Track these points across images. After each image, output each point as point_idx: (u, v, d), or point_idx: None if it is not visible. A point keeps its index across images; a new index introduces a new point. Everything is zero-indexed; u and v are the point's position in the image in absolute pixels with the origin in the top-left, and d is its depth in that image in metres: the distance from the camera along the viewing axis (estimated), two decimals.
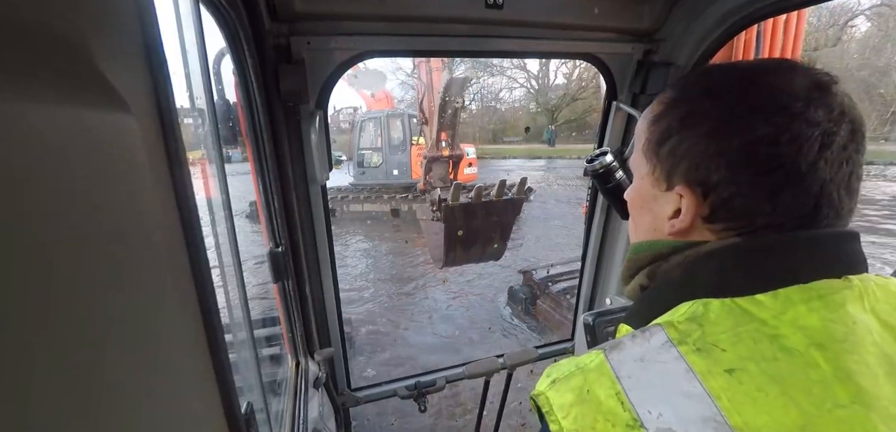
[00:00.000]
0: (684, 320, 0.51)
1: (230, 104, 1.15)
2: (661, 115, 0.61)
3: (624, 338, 0.54)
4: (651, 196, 0.63)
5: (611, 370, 0.51)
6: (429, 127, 8.41)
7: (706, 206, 0.56)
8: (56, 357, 0.26)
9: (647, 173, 0.63)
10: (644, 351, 0.51)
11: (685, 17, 1.36)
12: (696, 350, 0.48)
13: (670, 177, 0.59)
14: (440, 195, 6.18)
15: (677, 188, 0.58)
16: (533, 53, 1.46)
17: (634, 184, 0.68)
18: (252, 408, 0.77)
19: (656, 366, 0.49)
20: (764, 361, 0.45)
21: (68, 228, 0.28)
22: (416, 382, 1.80)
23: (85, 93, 0.31)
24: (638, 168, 0.66)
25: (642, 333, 0.53)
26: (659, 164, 0.60)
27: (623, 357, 0.51)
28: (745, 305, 0.50)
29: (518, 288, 7.78)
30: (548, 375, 0.57)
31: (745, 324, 0.48)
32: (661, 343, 0.50)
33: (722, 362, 0.46)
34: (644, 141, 0.63)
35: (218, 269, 0.99)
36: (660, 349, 0.50)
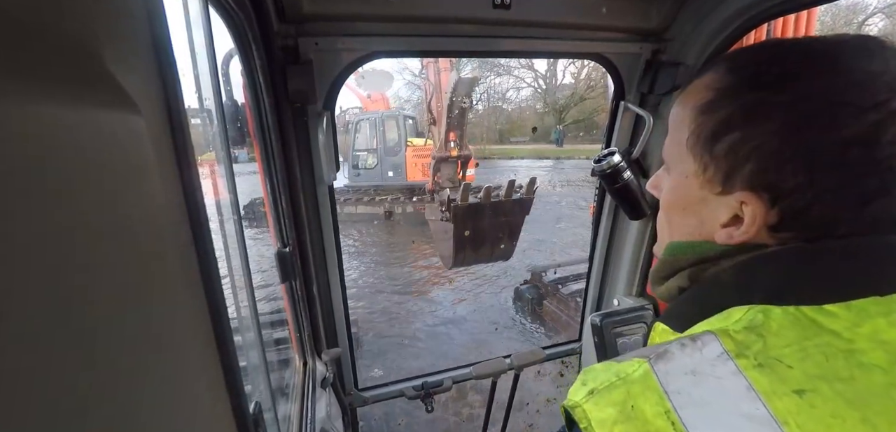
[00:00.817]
0: (741, 329, 0.44)
1: (238, 105, 1.15)
2: (715, 104, 0.51)
3: (670, 346, 0.46)
4: (698, 199, 0.55)
5: (658, 383, 0.44)
6: (437, 127, 8.42)
7: (774, 214, 0.48)
8: (65, 355, 0.26)
9: (692, 172, 0.54)
10: (696, 362, 0.44)
11: (694, 16, 1.35)
12: (758, 365, 0.41)
13: (729, 180, 0.50)
14: (449, 195, 6.19)
15: (739, 194, 0.49)
16: (540, 53, 1.46)
17: (672, 182, 0.59)
18: (260, 408, 0.78)
19: (711, 382, 0.42)
20: (839, 381, 0.39)
21: (78, 228, 0.28)
22: (423, 383, 1.80)
23: (95, 94, 0.32)
24: (677, 163, 0.57)
25: (692, 341, 0.45)
26: (712, 164, 0.51)
27: (671, 368, 0.44)
28: (813, 315, 0.43)
29: (524, 288, 7.77)
30: (583, 383, 0.49)
31: (813, 336, 0.42)
32: (715, 354, 0.43)
33: (789, 381, 0.40)
34: (688, 133, 0.54)
35: (226, 269, 1.00)
36: (714, 362, 0.43)
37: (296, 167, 1.29)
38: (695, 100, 0.54)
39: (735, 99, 0.49)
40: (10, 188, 0.23)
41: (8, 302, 0.22)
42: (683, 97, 0.57)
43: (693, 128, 0.53)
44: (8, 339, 0.22)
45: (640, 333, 1.75)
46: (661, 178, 0.64)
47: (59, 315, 0.26)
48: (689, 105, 0.54)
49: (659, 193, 0.65)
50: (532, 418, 4.86)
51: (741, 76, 0.50)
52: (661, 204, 0.63)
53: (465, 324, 7.45)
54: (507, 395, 2.03)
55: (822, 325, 0.42)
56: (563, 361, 5.24)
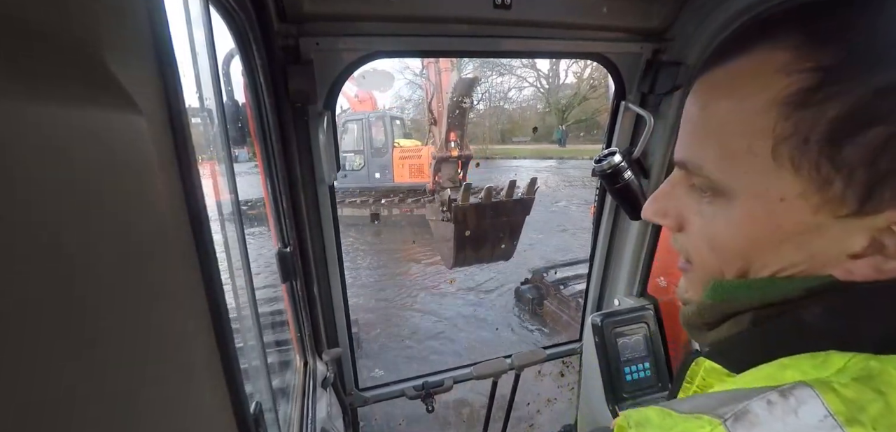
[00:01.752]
0: (850, 381, 0.32)
1: (239, 105, 1.15)
2: (822, 92, 0.34)
3: (752, 405, 0.33)
4: (808, 227, 0.38)
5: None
6: (438, 127, 8.43)
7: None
8: (65, 355, 0.26)
9: (797, 193, 0.37)
10: (791, 431, 0.31)
11: (695, 16, 1.35)
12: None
13: (871, 197, 0.34)
14: (450, 195, 6.20)
15: (891, 212, 0.34)
16: (541, 53, 1.46)
17: (748, 212, 0.40)
18: (261, 408, 0.78)
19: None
20: None
21: (78, 228, 0.28)
22: (424, 382, 1.80)
23: (96, 94, 0.32)
24: (758, 184, 0.39)
25: (782, 399, 0.33)
26: (840, 178, 0.35)
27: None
28: None
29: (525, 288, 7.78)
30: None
31: None
32: (816, 419, 0.31)
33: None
34: (777, 139, 0.37)
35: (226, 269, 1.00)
36: (817, 429, 0.31)
37: (296, 167, 1.29)
38: (770, 88, 0.37)
39: (859, 79, 0.33)
40: (10, 188, 0.23)
41: (8, 302, 0.22)
42: (734, 89, 0.40)
43: (788, 132, 0.36)
44: (8, 339, 0.22)
45: (641, 333, 1.76)
46: (683, 205, 0.47)
47: (59, 315, 0.26)
48: (760, 97, 0.37)
49: (675, 223, 0.49)
50: (533, 418, 4.86)
51: (860, 45, 0.34)
52: (719, 246, 0.44)
53: None
54: (508, 395, 2.03)
55: None
56: (563, 361, 5.24)
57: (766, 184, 0.38)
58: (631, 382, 1.70)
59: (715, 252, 0.44)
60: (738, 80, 0.39)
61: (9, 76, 0.24)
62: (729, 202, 0.41)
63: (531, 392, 5.18)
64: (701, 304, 0.48)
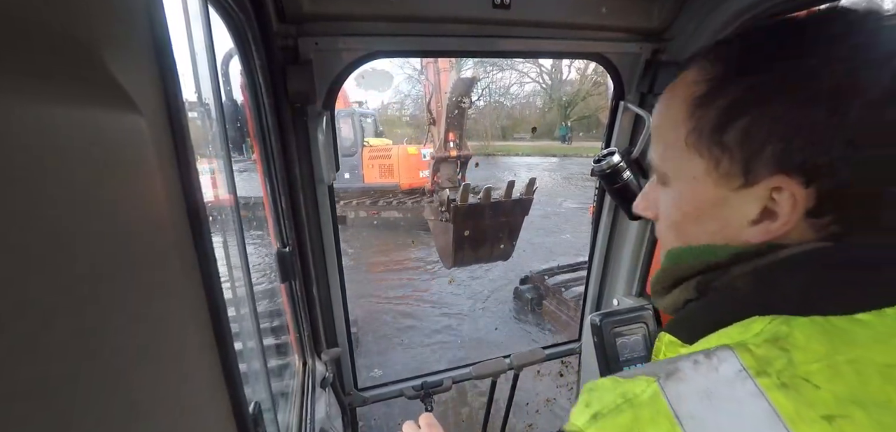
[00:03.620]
0: (763, 343, 0.39)
1: (238, 105, 1.15)
2: (711, 94, 0.47)
3: (681, 362, 0.41)
4: (716, 199, 0.49)
5: (668, 406, 0.39)
6: (437, 127, 8.43)
7: (811, 196, 0.43)
8: (64, 356, 0.26)
9: (702, 172, 0.49)
10: (711, 382, 0.39)
11: (694, 16, 1.35)
12: (782, 385, 0.36)
13: (750, 169, 0.45)
14: (448, 195, 6.21)
15: (767, 181, 0.44)
16: (540, 53, 1.46)
17: (678, 191, 0.53)
18: (260, 408, 0.78)
19: (728, 405, 0.37)
20: (874, 406, 0.34)
21: (77, 228, 0.28)
22: (423, 382, 1.80)
23: (95, 93, 0.32)
24: (680, 168, 0.52)
25: (707, 358, 0.40)
26: (725, 156, 0.46)
27: (683, 390, 0.39)
28: (844, 325, 0.38)
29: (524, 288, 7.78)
30: (587, 405, 0.45)
31: (844, 350, 0.37)
32: (732, 372, 0.38)
33: (817, 405, 0.35)
34: (686, 132, 0.49)
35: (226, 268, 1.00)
36: (732, 381, 0.38)
37: (296, 167, 1.29)
38: (684, 95, 0.50)
39: (737, 78, 0.46)
40: (9, 188, 0.23)
41: (7, 301, 0.22)
42: (668, 100, 0.53)
43: (692, 125, 0.48)
44: (7, 339, 0.22)
45: (640, 333, 1.75)
46: (655, 195, 0.59)
47: (58, 315, 0.26)
48: (679, 103, 0.50)
49: (653, 212, 0.60)
50: (532, 418, 4.87)
51: (734, 61, 0.47)
52: (666, 221, 0.57)
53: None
54: (507, 395, 2.03)
55: (854, 338, 0.37)
56: (562, 361, 5.24)
57: (685, 167, 0.51)
58: None
59: (668, 228, 0.57)
60: (668, 95, 0.54)
61: (7, 75, 0.24)
62: (669, 186, 0.55)
63: (530, 391, 5.18)
64: (661, 269, 0.59)
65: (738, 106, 0.45)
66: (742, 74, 0.45)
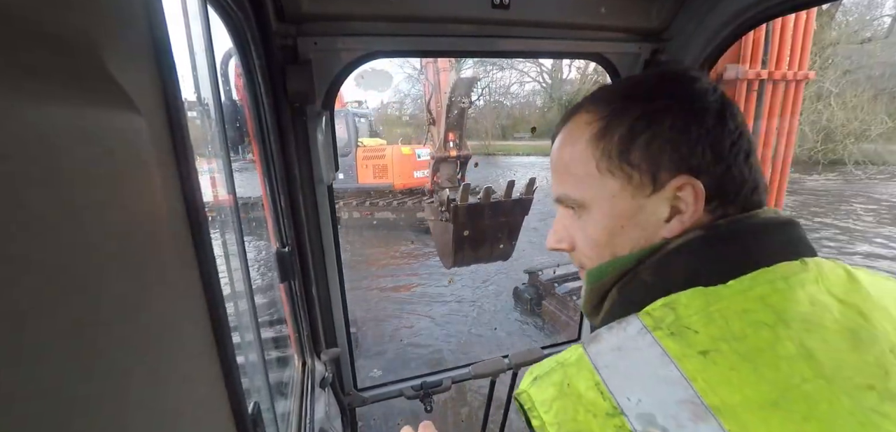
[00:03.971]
0: (659, 307, 0.52)
1: (237, 105, 1.15)
2: (609, 127, 0.59)
3: (601, 330, 0.55)
4: (634, 209, 0.59)
5: (590, 362, 0.51)
6: (436, 127, 8.41)
7: (704, 191, 0.56)
8: (63, 355, 0.26)
9: (617, 190, 0.59)
10: (621, 340, 0.52)
11: (694, 16, 1.35)
12: (671, 334, 0.49)
13: (657, 176, 0.57)
14: (448, 195, 6.20)
15: (672, 182, 0.56)
16: (539, 53, 1.46)
17: (599, 213, 0.62)
18: (259, 408, 0.78)
19: (633, 354, 0.50)
20: (735, 340, 0.46)
21: (77, 228, 0.28)
22: (422, 382, 1.80)
23: (94, 93, 0.32)
24: (596, 193, 0.61)
25: (618, 324, 0.54)
26: (635, 170, 0.58)
27: (601, 348, 0.52)
28: (715, 288, 0.51)
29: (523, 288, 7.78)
30: (530, 374, 0.57)
31: (715, 303, 0.49)
32: (636, 330, 0.51)
33: (695, 344, 0.47)
34: (596, 161, 0.60)
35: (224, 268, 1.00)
36: (636, 336, 0.51)
37: (295, 167, 1.29)
38: (584, 134, 0.61)
39: (626, 113, 0.58)
40: (8, 188, 0.23)
41: (6, 301, 0.22)
42: (569, 141, 0.64)
43: (599, 154, 0.60)
44: (6, 338, 0.22)
45: None
46: (568, 226, 0.68)
47: (57, 315, 0.26)
48: (582, 141, 0.61)
49: (568, 244, 0.68)
50: None
51: (619, 100, 0.60)
52: (589, 245, 0.65)
53: None
54: (506, 395, 2.03)
55: (721, 294, 0.50)
56: None
57: (601, 190, 0.61)
58: None
59: (593, 249, 0.64)
60: (569, 134, 0.64)
61: (7, 75, 0.24)
62: (588, 211, 0.63)
63: None
64: (586, 291, 0.67)
65: (635, 129, 0.57)
66: (626, 110, 0.58)
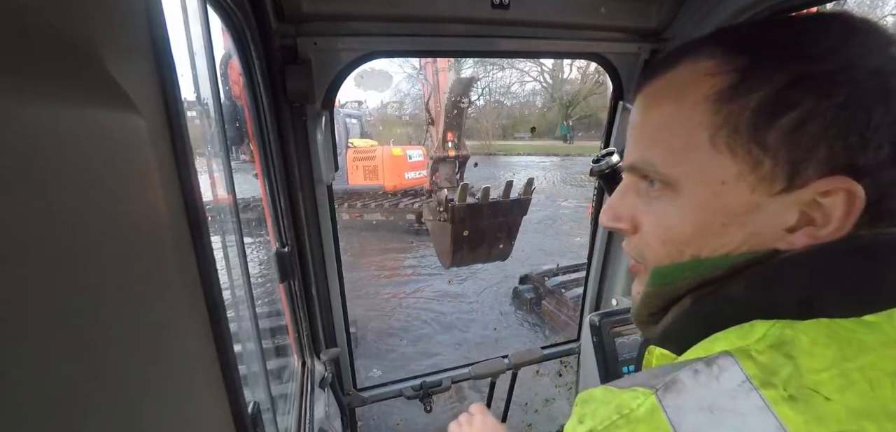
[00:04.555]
0: (766, 349, 0.36)
1: (237, 105, 1.15)
2: (742, 87, 0.41)
3: (680, 374, 0.37)
4: (749, 206, 0.42)
5: (668, 422, 0.35)
6: (435, 127, 8.42)
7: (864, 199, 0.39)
8: (63, 356, 0.26)
9: (733, 176, 0.42)
10: (712, 395, 0.35)
11: (693, 16, 1.35)
12: (789, 398, 0.33)
13: (798, 172, 0.39)
14: (447, 195, 6.21)
15: (818, 183, 0.39)
16: (539, 53, 1.46)
17: (697, 200, 0.45)
18: (258, 408, 0.78)
19: (732, 420, 0.33)
20: (887, 419, 0.31)
21: (76, 228, 0.28)
22: (422, 382, 1.80)
23: (93, 93, 0.32)
24: (701, 173, 0.44)
25: (707, 367, 0.36)
26: (767, 156, 0.40)
27: (683, 403, 0.35)
28: (851, 328, 0.35)
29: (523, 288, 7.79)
30: (580, 420, 0.41)
31: (854, 357, 0.33)
32: (735, 384, 0.35)
33: (828, 419, 0.31)
34: (712, 131, 0.42)
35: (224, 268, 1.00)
36: (735, 393, 0.34)
37: (295, 167, 1.29)
38: (701, 90, 0.43)
39: (775, 72, 0.40)
40: (7, 188, 0.23)
41: (5, 301, 0.22)
42: (675, 96, 0.45)
43: (719, 122, 0.42)
44: (5, 338, 0.22)
45: (639, 333, 1.75)
46: (632, 205, 0.52)
47: (57, 314, 0.26)
48: (694, 99, 0.43)
49: (629, 225, 0.52)
50: (531, 418, 4.86)
51: (766, 50, 0.41)
52: (671, 236, 0.47)
53: None
54: (505, 395, 2.03)
55: (863, 342, 0.34)
56: (561, 361, 5.25)
57: (709, 170, 0.43)
58: None
59: (667, 244, 0.48)
60: (674, 86, 0.46)
61: (6, 75, 0.24)
62: (677, 193, 0.46)
63: (529, 391, 5.18)
64: (645, 294, 0.52)
65: (786, 99, 0.39)
66: (785, 62, 0.39)
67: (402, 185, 13.16)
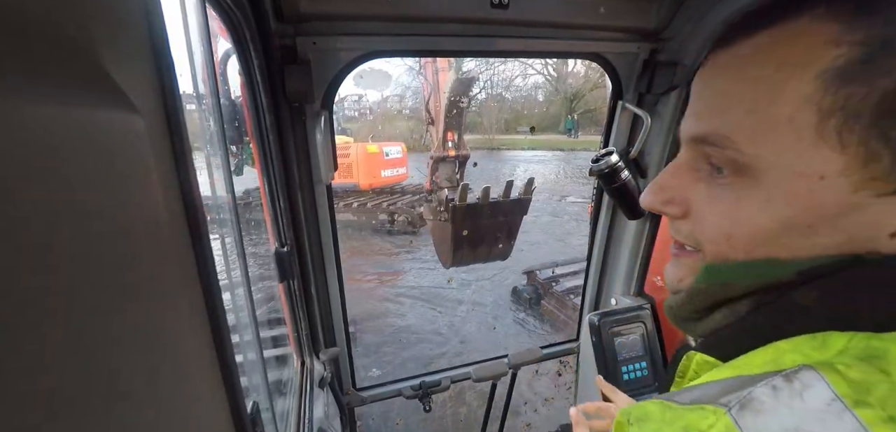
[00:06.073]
0: (854, 362, 0.31)
1: (236, 104, 1.15)
2: (869, 65, 0.32)
3: (757, 391, 0.32)
4: (847, 207, 0.36)
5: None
6: (435, 127, 8.41)
7: None
8: (62, 356, 0.26)
9: (836, 171, 0.35)
10: (797, 416, 0.30)
11: (692, 15, 1.35)
12: (889, 419, 0.28)
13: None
14: (447, 195, 6.21)
15: None
16: (538, 53, 1.46)
17: (782, 195, 0.38)
18: (258, 408, 0.78)
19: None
20: None
21: (75, 228, 0.28)
22: (422, 382, 1.81)
23: (92, 93, 0.32)
24: (792, 167, 0.37)
25: (787, 383, 0.31)
26: (887, 151, 0.33)
27: (762, 425, 0.30)
28: None
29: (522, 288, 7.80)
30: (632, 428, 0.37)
31: None
32: (824, 403, 0.29)
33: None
34: (819, 117, 0.35)
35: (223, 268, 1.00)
36: (824, 414, 0.29)
37: (294, 166, 1.29)
38: (808, 60, 0.35)
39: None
40: (5, 187, 0.23)
41: (3, 300, 0.22)
42: (768, 59, 0.37)
43: (836, 105, 0.34)
44: (4, 338, 0.22)
45: (638, 333, 1.76)
46: (698, 191, 0.44)
47: (55, 314, 0.26)
48: (797, 69, 0.35)
49: (680, 209, 0.46)
50: (530, 417, 4.86)
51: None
52: (742, 232, 0.41)
53: None
54: (505, 395, 2.03)
55: None
56: (560, 361, 5.25)
57: (806, 160, 0.36)
58: (628, 381, 1.71)
59: (733, 239, 0.41)
60: (779, 50, 0.37)
61: (4, 74, 0.24)
62: (756, 181, 0.39)
63: (529, 390, 5.19)
64: (692, 290, 0.46)
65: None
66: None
67: (378, 183, 12.89)
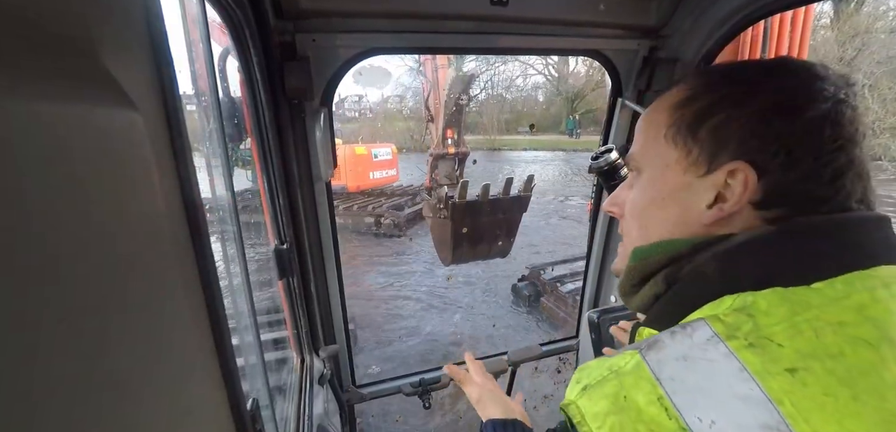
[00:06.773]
0: (731, 311, 0.45)
1: (235, 102, 1.15)
2: (693, 98, 0.55)
3: (661, 336, 0.47)
4: (681, 185, 0.55)
5: (649, 371, 0.44)
6: (434, 124, 8.39)
7: (759, 190, 0.49)
8: (62, 353, 0.26)
9: (673, 161, 0.56)
10: (686, 348, 0.44)
11: (692, 12, 1.35)
12: (749, 345, 0.41)
13: (715, 157, 0.52)
14: (447, 193, 6.21)
15: (726, 167, 0.50)
16: (538, 50, 1.46)
17: (648, 178, 0.60)
18: (257, 404, 0.78)
19: (703, 365, 0.42)
20: (829, 359, 0.39)
21: (75, 225, 0.28)
22: (421, 379, 1.81)
23: (92, 91, 0.32)
24: (653, 159, 0.59)
25: (682, 329, 0.46)
26: (696, 146, 0.53)
27: (662, 356, 0.45)
28: (800, 293, 0.43)
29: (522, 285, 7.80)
30: (578, 381, 0.51)
31: (802, 312, 0.42)
32: (705, 338, 0.44)
33: (780, 360, 0.40)
34: (666, 127, 0.56)
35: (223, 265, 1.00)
36: (705, 345, 0.43)
37: (293, 164, 1.29)
38: (669, 101, 0.58)
39: (715, 90, 0.54)
40: (6, 186, 0.23)
41: (3, 300, 0.22)
42: (656, 105, 0.61)
43: (671, 122, 0.56)
44: (4, 337, 0.22)
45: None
46: (623, 195, 0.66)
47: (55, 312, 0.26)
48: (663, 107, 0.58)
49: (619, 209, 0.66)
50: (530, 415, 4.86)
51: (715, 78, 0.55)
52: (632, 209, 0.63)
53: None
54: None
55: (809, 302, 0.42)
56: (559, 358, 5.25)
57: (660, 157, 0.58)
58: None
59: (632, 217, 0.63)
60: (660, 99, 0.61)
61: (4, 73, 0.24)
62: (641, 176, 0.62)
63: (528, 389, 5.19)
64: (627, 269, 0.63)
65: (715, 106, 0.53)
66: (718, 86, 0.54)
67: (366, 186, 12.85)
